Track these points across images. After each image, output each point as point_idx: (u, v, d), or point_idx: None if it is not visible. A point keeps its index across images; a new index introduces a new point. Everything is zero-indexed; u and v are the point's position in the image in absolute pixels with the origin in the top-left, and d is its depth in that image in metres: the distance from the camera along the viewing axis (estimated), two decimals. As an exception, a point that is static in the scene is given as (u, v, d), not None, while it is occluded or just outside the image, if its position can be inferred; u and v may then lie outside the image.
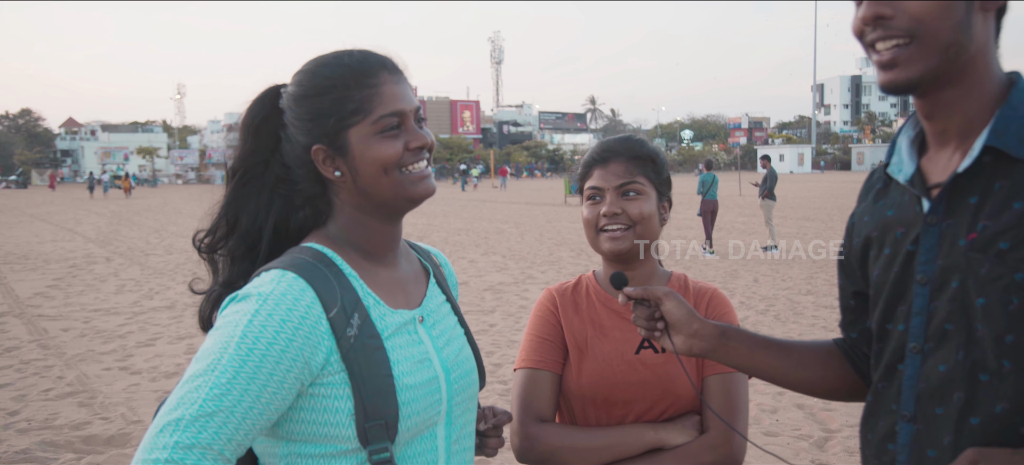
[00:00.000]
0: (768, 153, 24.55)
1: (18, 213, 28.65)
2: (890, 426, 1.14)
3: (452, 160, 72.12)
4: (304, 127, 1.19)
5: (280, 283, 1.09)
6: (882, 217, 1.19)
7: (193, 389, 1.01)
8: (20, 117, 74.91)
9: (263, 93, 1.26)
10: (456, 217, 21.86)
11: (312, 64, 1.23)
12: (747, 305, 8.52)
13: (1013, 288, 0.99)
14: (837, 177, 57.41)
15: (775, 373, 1.34)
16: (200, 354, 1.05)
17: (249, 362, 1.03)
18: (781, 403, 5.20)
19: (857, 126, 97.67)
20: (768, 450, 1.68)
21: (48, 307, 9.18)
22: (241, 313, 1.06)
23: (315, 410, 1.11)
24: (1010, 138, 1.02)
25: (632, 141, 1.70)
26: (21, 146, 69.52)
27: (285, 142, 1.23)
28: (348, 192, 1.22)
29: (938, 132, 1.11)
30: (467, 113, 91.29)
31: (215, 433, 0.99)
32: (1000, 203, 1.01)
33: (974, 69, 1.05)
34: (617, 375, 1.61)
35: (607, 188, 1.63)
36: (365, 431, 1.11)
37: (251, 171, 1.23)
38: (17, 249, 15.95)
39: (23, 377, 6.15)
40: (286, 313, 1.07)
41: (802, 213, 21.80)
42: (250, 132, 1.24)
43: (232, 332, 1.05)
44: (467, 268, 11.94)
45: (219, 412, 1.00)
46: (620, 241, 1.61)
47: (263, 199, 1.23)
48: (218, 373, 1.02)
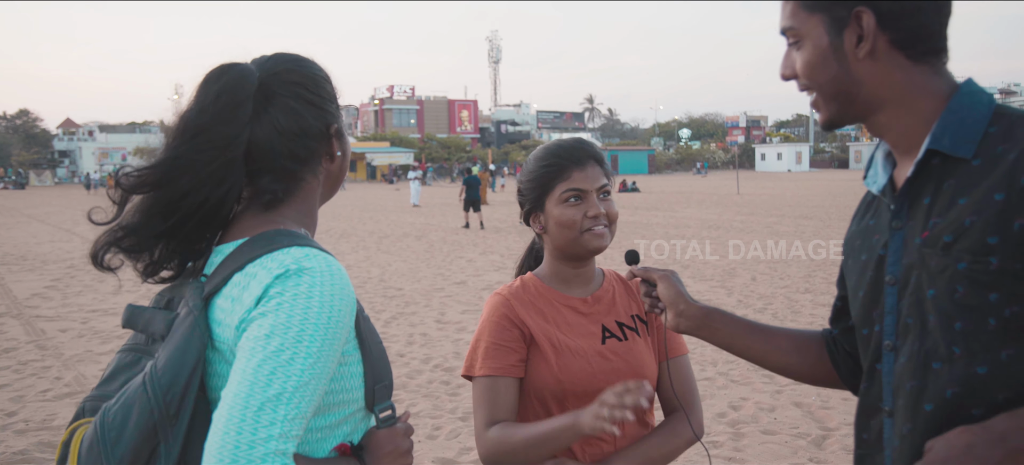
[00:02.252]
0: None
1: (16, 214, 28.62)
2: (880, 423, 1.21)
3: (450, 160, 72.12)
4: (325, 106, 1.28)
5: (322, 258, 1.13)
6: (865, 227, 1.27)
7: (285, 362, 1.02)
8: (17, 118, 74.73)
9: (244, 68, 1.23)
10: (455, 216, 21.86)
11: (306, 57, 1.32)
12: (745, 304, 8.53)
13: (957, 277, 1.06)
14: (835, 175, 57.49)
15: (755, 354, 1.46)
16: (272, 330, 1.04)
17: (330, 331, 1.08)
18: (779, 402, 5.21)
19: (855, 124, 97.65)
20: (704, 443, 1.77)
21: (46, 308, 9.17)
22: (309, 285, 1.08)
23: (336, 378, 1.16)
24: (947, 140, 1.10)
25: (592, 144, 1.77)
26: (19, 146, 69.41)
27: (276, 118, 1.22)
28: (327, 175, 1.31)
29: (892, 147, 1.21)
30: (465, 112, 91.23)
31: (310, 402, 1.04)
32: (947, 201, 1.09)
33: (891, 96, 1.15)
34: (594, 366, 1.68)
35: (590, 190, 1.69)
36: (373, 393, 1.21)
37: (219, 140, 1.17)
38: (15, 250, 15.93)
39: (21, 378, 6.15)
40: (342, 286, 1.12)
41: (801, 211, 21.82)
42: (232, 103, 1.19)
43: (308, 303, 1.07)
44: (465, 268, 11.94)
45: (312, 381, 1.04)
46: (605, 239, 1.69)
47: (216, 171, 1.17)
48: (308, 342, 1.05)
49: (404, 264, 12.50)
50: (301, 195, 1.27)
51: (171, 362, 1.08)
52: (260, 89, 1.23)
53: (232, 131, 1.19)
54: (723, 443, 4.53)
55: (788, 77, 1.23)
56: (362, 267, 12.22)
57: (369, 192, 40.68)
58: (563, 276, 1.76)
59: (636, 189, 37.08)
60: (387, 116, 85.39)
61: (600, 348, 1.70)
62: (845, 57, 1.15)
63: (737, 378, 5.76)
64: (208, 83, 1.21)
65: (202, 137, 1.18)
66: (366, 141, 72.81)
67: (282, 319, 1.05)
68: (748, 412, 5.04)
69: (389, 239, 16.62)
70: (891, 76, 1.14)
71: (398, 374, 6.01)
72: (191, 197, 1.17)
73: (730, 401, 5.26)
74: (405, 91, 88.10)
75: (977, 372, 1.05)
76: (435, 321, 7.98)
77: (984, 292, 1.04)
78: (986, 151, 1.08)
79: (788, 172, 67.94)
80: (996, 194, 1.04)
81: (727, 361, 6.14)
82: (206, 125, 1.18)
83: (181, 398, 1.06)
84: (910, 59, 1.14)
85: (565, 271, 1.75)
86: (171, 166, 1.18)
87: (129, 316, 1.25)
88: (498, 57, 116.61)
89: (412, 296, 9.48)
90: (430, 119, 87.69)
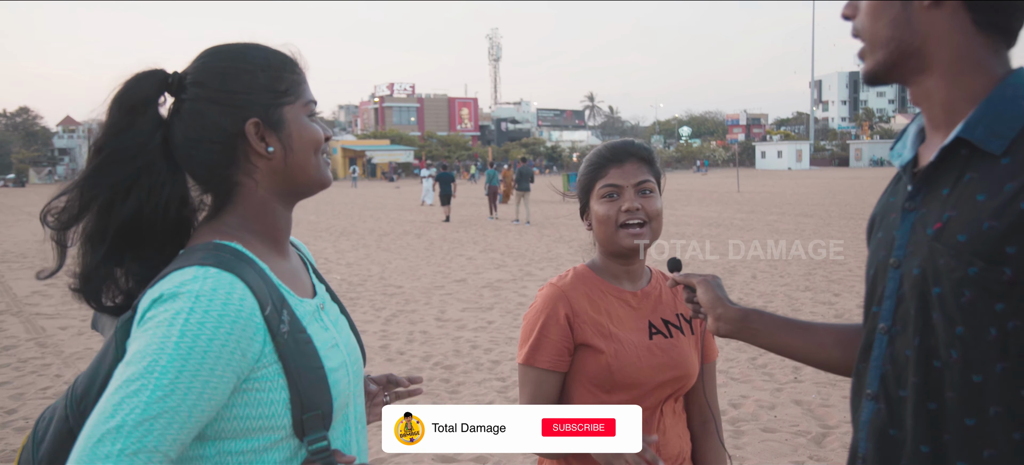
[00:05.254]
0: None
1: (16, 211, 28.61)
2: (860, 405, 1.19)
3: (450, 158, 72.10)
4: (235, 101, 1.17)
5: (208, 279, 1.06)
6: (886, 205, 1.23)
7: (132, 393, 0.97)
8: (17, 115, 74.66)
9: (145, 72, 1.19)
10: (455, 215, 21.84)
11: (233, 47, 1.21)
12: (745, 302, 8.52)
13: (966, 282, 1.02)
14: (835, 173, 57.43)
15: (796, 351, 1.42)
16: (131, 357, 1.01)
17: (191, 360, 1.00)
18: (779, 400, 5.20)
19: (855, 122, 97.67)
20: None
21: (46, 305, 9.16)
22: (174, 311, 1.03)
23: (249, 404, 1.09)
24: (980, 131, 1.04)
25: (639, 143, 1.81)
26: (18, 144, 69.35)
27: (184, 122, 1.17)
28: (270, 173, 1.20)
29: (928, 120, 1.15)
30: (465, 111, 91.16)
31: (160, 436, 0.97)
32: (967, 196, 1.04)
33: (944, 58, 1.08)
34: (643, 360, 1.72)
35: (626, 186, 1.73)
36: (301, 423, 1.12)
37: (123, 151, 1.14)
38: (15, 247, 15.93)
39: (21, 375, 6.15)
40: (222, 308, 1.04)
41: (800, 210, 21.80)
42: (127, 110, 1.15)
43: (168, 331, 1.01)
44: (465, 265, 11.94)
45: (163, 414, 0.97)
46: (642, 236, 1.73)
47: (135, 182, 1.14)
48: (158, 374, 0.98)
49: (404, 262, 12.49)
50: (240, 200, 1.20)
51: (88, 373, 1.11)
52: (175, 92, 1.18)
53: (133, 140, 1.14)
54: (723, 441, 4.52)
55: (848, 17, 1.18)
56: (362, 265, 12.21)
57: (369, 190, 40.64)
58: (612, 270, 1.81)
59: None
60: (387, 114, 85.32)
61: (648, 343, 1.75)
62: (910, 4, 1.09)
63: (737, 376, 5.76)
64: (111, 96, 1.17)
65: (105, 151, 1.15)
66: (366, 139, 72.78)
67: (140, 346, 1.01)
68: (748, 410, 5.04)
69: (389, 237, 16.61)
70: (950, 35, 1.07)
71: (398, 372, 6.00)
72: (115, 214, 1.14)
73: (730, 399, 5.25)
74: (405, 89, 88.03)
75: (973, 380, 1.02)
76: (435, 319, 7.97)
77: (992, 300, 1.00)
78: (1018, 151, 1.01)
79: (788, 170, 67.86)
80: (1022, 202, 0.97)
81: (726, 359, 6.14)
82: (107, 138, 1.15)
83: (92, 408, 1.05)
84: (975, 24, 1.07)
85: (613, 266, 1.81)
86: (83, 188, 1.14)
87: (94, 318, 1.25)
88: (498, 55, 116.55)
89: (412, 294, 9.47)
90: (430, 117, 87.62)
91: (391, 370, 6.00)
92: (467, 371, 6.01)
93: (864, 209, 21.45)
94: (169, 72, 1.20)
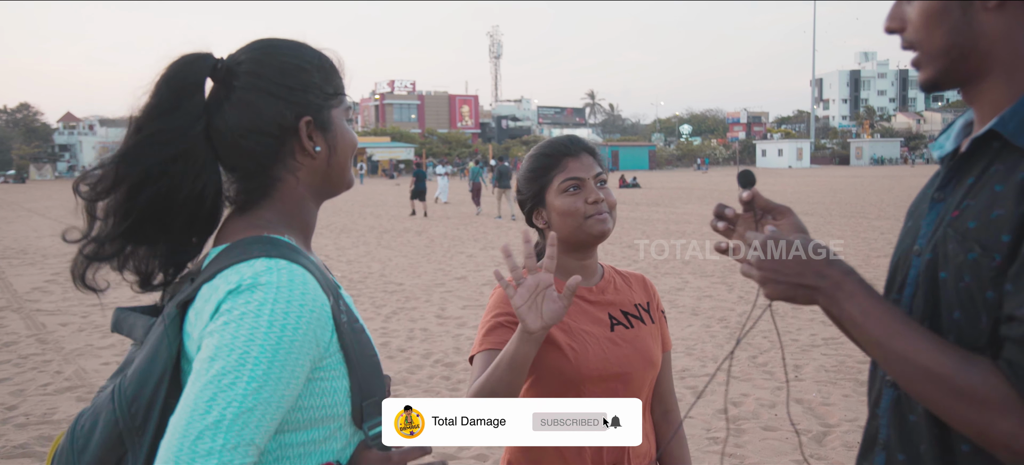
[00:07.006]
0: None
1: (16, 208, 28.62)
2: (879, 391, 1.19)
3: (451, 155, 72.07)
4: (293, 97, 1.16)
5: (283, 271, 1.05)
6: (922, 193, 1.23)
7: (226, 386, 0.97)
8: (18, 112, 74.64)
9: (195, 55, 1.17)
10: (456, 215, 21.85)
11: (289, 43, 1.21)
12: (746, 300, 8.52)
13: (965, 267, 1.02)
14: (836, 172, 57.42)
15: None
16: (217, 351, 0.99)
17: (280, 350, 1.01)
18: (780, 398, 5.20)
19: (856, 121, 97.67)
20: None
21: (46, 301, 9.17)
22: (259, 302, 1.02)
23: (314, 393, 1.09)
24: (1013, 125, 1.03)
25: (582, 138, 1.82)
26: (19, 140, 69.33)
27: (235, 111, 1.15)
28: (312, 172, 1.21)
29: (978, 118, 1.14)
30: (466, 108, 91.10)
31: (256, 428, 0.97)
32: (988, 186, 1.04)
33: (1005, 58, 1.06)
34: (606, 351, 1.72)
35: (587, 178, 1.74)
36: (361, 410, 1.13)
37: (165, 134, 1.12)
38: (15, 244, 15.93)
39: (21, 372, 6.15)
40: (302, 299, 1.05)
41: (801, 208, 21.79)
42: (174, 91, 1.13)
43: (256, 322, 1.01)
44: (466, 263, 11.94)
45: (259, 406, 0.98)
46: (608, 223, 1.73)
47: (171, 165, 1.13)
48: (252, 366, 0.98)
49: (404, 259, 12.50)
50: (280, 195, 1.19)
51: (138, 372, 1.07)
52: (222, 79, 1.17)
53: (177, 123, 1.13)
54: (723, 440, 4.52)
55: (894, 30, 1.13)
56: (363, 262, 12.21)
57: (369, 188, 40.65)
58: (568, 268, 1.77)
59: (637, 185, 37.04)
60: (388, 111, 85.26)
61: (610, 334, 1.75)
62: (971, 6, 1.05)
63: (737, 374, 5.76)
64: (158, 76, 1.15)
65: (146, 130, 1.13)
66: (367, 136, 72.78)
67: (227, 339, 1.00)
68: (749, 408, 5.04)
69: (390, 234, 16.61)
70: (1014, 32, 1.04)
71: (398, 369, 6.01)
72: (145, 194, 1.12)
73: (731, 397, 5.25)
74: (406, 86, 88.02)
75: None
76: (435, 316, 7.98)
77: (984, 288, 1.01)
78: None
79: (789, 168, 67.84)
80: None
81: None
82: (150, 118, 1.13)
83: (147, 409, 1.04)
84: None
85: (570, 264, 1.77)
86: (119, 164, 1.13)
87: (116, 320, 1.22)
88: (499, 52, 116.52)
89: (412, 291, 9.48)
90: (431, 114, 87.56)
91: (392, 367, 6.02)
92: (467, 369, 6.01)
93: (864, 207, 21.45)
94: (217, 58, 1.19)
